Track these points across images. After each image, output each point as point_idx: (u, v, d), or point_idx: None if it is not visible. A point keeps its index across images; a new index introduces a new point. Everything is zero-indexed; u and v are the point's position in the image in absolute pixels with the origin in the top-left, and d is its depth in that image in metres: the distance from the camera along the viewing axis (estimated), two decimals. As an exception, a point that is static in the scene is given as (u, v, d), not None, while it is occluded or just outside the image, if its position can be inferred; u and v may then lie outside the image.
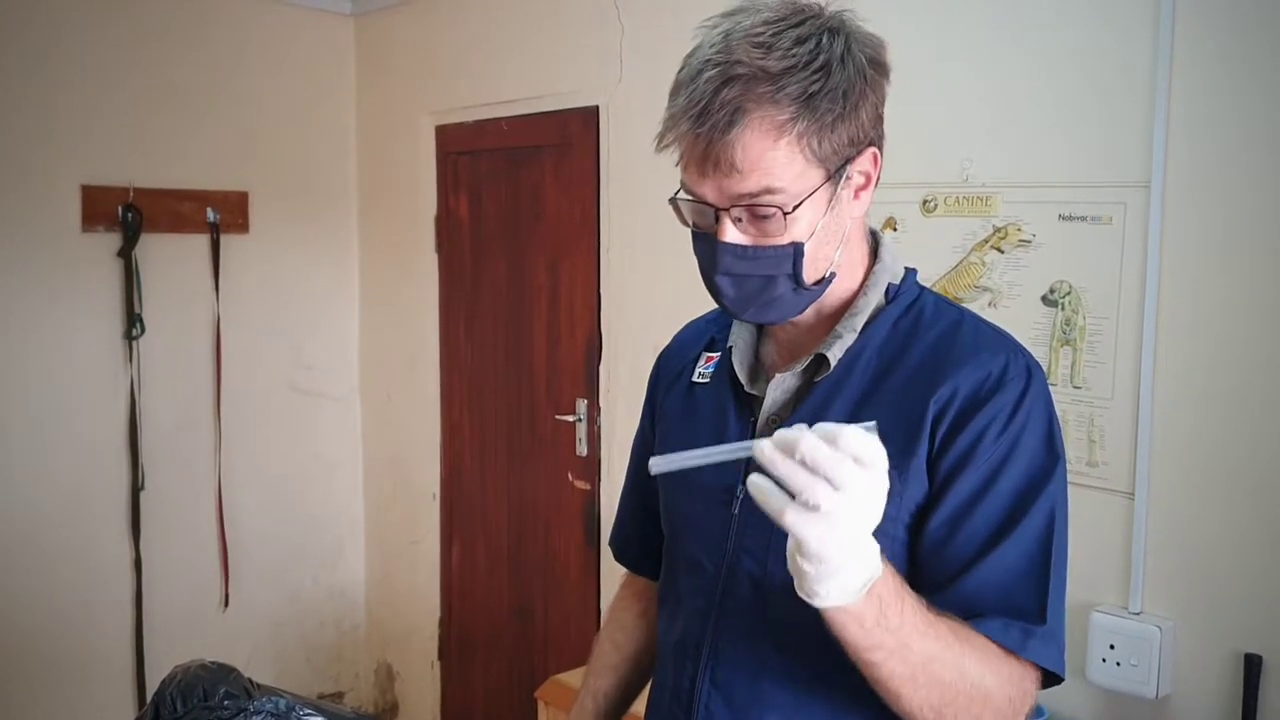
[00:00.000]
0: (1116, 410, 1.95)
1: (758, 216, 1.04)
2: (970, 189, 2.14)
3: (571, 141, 3.09)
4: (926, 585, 1.05)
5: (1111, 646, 1.91)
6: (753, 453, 0.86)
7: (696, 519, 1.18)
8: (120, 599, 3.40)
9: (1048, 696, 1.92)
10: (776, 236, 1.05)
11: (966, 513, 1.04)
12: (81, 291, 3.28)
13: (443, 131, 3.55)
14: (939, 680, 0.96)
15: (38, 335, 3.22)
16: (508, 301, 3.37)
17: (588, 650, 1.45)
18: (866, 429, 0.86)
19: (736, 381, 1.19)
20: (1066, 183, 2.00)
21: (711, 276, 1.09)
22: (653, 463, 0.91)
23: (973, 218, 2.13)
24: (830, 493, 0.83)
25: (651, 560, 1.37)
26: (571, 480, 3.17)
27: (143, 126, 3.36)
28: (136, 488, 3.39)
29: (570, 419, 3.14)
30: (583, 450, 3.11)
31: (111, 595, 3.39)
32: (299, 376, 3.79)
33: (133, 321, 3.35)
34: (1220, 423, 1.83)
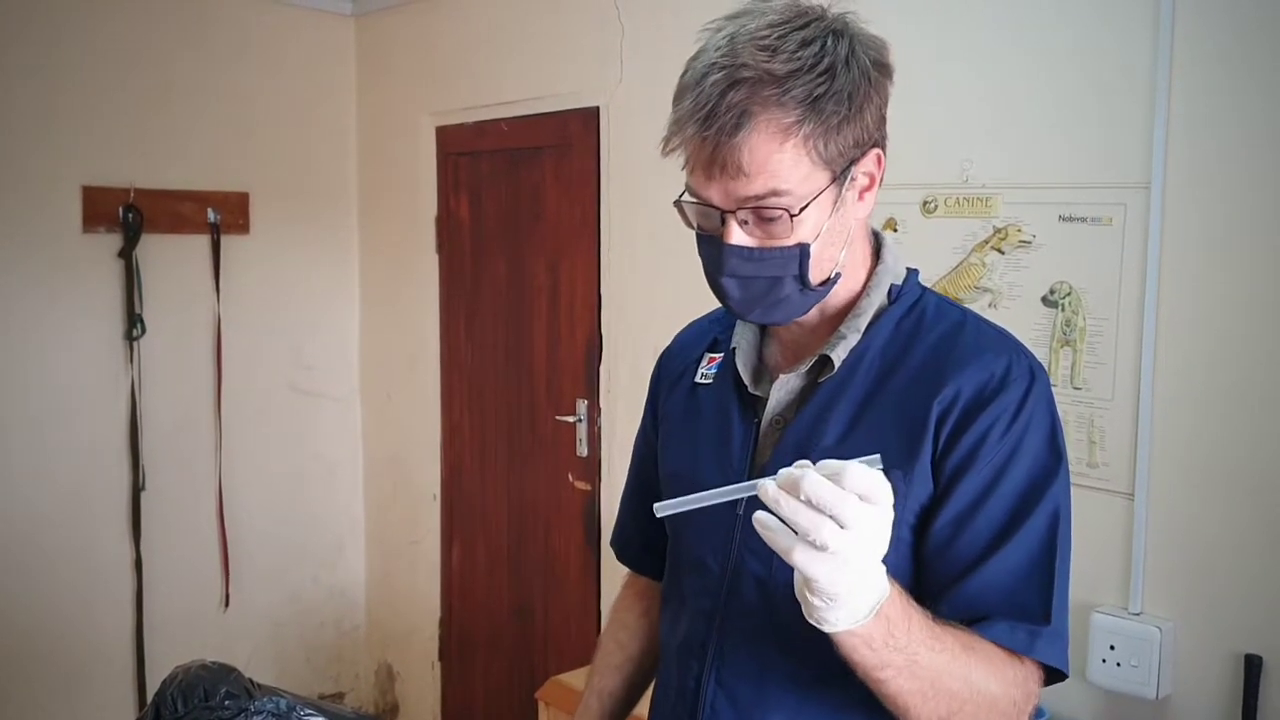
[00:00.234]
0: (1116, 411, 1.95)
1: (764, 219, 1.04)
2: (970, 190, 2.14)
3: (572, 142, 3.09)
4: (931, 586, 1.05)
5: (1112, 647, 1.91)
6: (757, 492, 0.85)
7: (701, 520, 1.17)
8: (121, 599, 3.40)
9: (1048, 697, 1.92)
10: (783, 238, 1.05)
11: (971, 514, 1.05)
12: (82, 292, 3.28)
13: (443, 132, 3.55)
14: (947, 691, 0.97)
15: (38, 335, 3.22)
16: (508, 302, 3.37)
17: (588, 651, 1.45)
18: (871, 464, 0.86)
19: (740, 382, 1.19)
20: (1066, 183, 2.00)
21: (717, 278, 1.09)
22: (658, 507, 0.91)
23: (973, 218, 2.13)
24: (837, 532, 0.83)
25: (653, 560, 1.38)
26: (572, 481, 3.17)
27: (143, 127, 3.37)
28: (137, 488, 3.39)
29: (570, 419, 3.14)
30: (583, 451, 3.11)
31: (112, 595, 3.39)
32: (299, 377, 3.79)
33: (133, 322, 3.35)
34: (1220, 423, 1.83)
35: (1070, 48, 1.99)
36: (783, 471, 0.85)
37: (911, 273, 1.19)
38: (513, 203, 3.33)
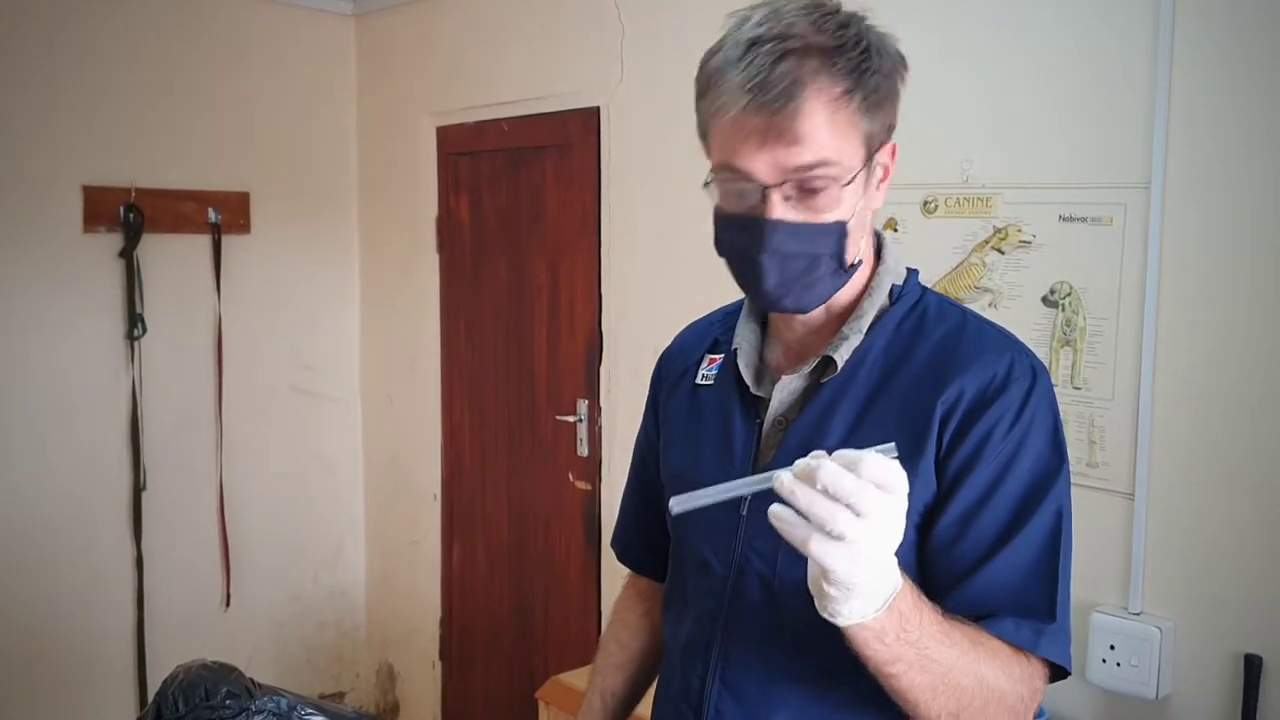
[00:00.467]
0: (1116, 411, 1.95)
1: (808, 191, 1.04)
2: (970, 190, 2.14)
3: (572, 142, 3.09)
4: (936, 584, 1.06)
5: (1112, 647, 1.91)
6: (773, 485, 0.85)
7: (704, 520, 1.17)
8: (122, 599, 3.41)
9: (1048, 696, 1.93)
10: (826, 212, 1.05)
11: (975, 512, 1.05)
12: (83, 292, 3.29)
13: (443, 132, 3.55)
14: (957, 687, 0.97)
15: (39, 335, 3.22)
16: (508, 302, 3.37)
17: (588, 650, 1.45)
18: (886, 453, 0.86)
19: (741, 383, 1.19)
20: (1066, 183, 2.00)
21: (757, 257, 1.06)
22: (673, 503, 0.90)
23: (973, 218, 2.13)
24: (854, 520, 0.83)
25: (654, 560, 1.38)
26: (572, 480, 3.17)
27: (144, 127, 3.37)
28: (138, 487, 3.40)
29: (571, 419, 3.15)
30: (583, 450, 3.11)
31: (113, 595, 3.39)
32: (300, 377, 3.79)
33: (134, 322, 3.35)
34: (1220, 423, 1.83)
35: (1070, 48, 1.99)
36: (799, 462, 0.85)
37: (912, 273, 1.20)
38: (513, 203, 3.33)
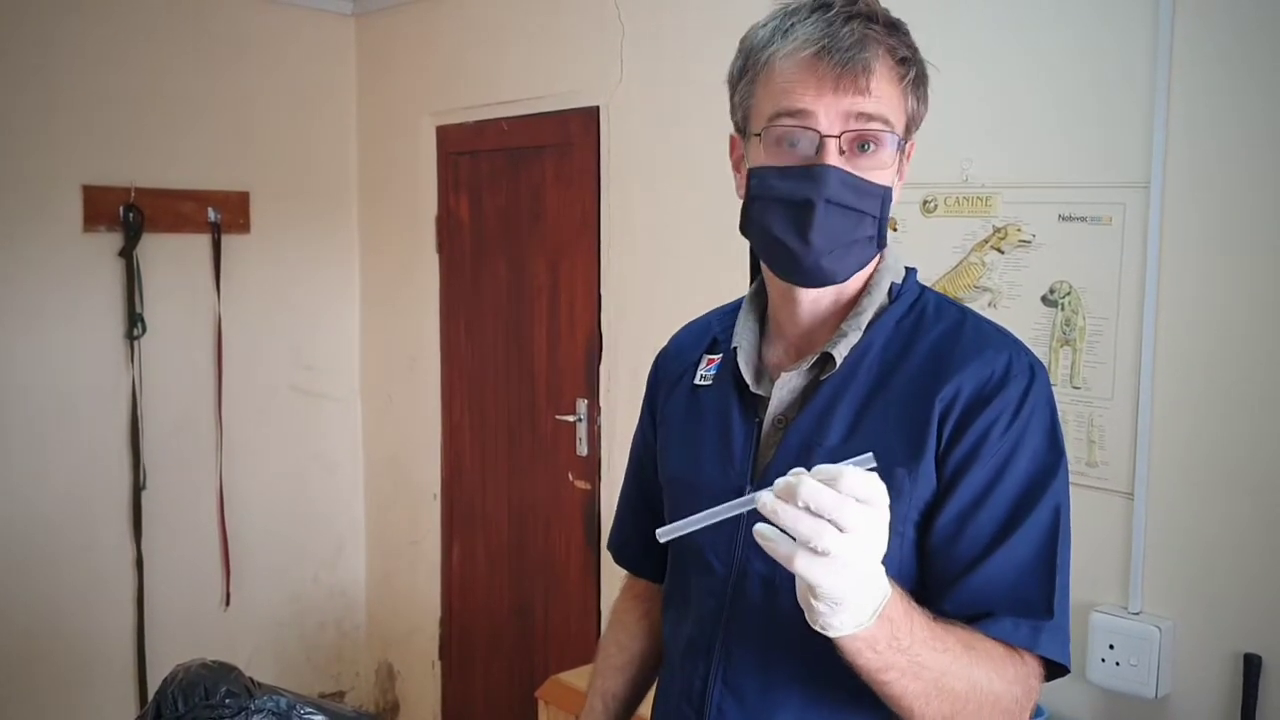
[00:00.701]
0: (1116, 410, 1.95)
1: (861, 148, 1.07)
2: (970, 189, 2.14)
3: (572, 142, 3.09)
4: (935, 582, 1.06)
5: (1111, 646, 1.92)
6: (756, 506, 0.86)
7: None
8: (122, 598, 3.41)
9: (1048, 696, 1.93)
10: (880, 169, 1.08)
11: (973, 510, 1.06)
12: (83, 291, 3.29)
13: (443, 132, 3.55)
14: (950, 692, 0.97)
15: (39, 335, 3.22)
16: (508, 301, 3.37)
17: (588, 649, 1.45)
18: (864, 464, 0.86)
19: (740, 382, 1.19)
20: (1066, 183, 2.00)
21: (812, 204, 1.06)
22: (659, 533, 0.91)
23: (972, 218, 2.13)
24: (838, 536, 0.84)
25: (652, 562, 1.38)
26: (572, 480, 3.17)
27: (144, 127, 3.37)
28: (138, 487, 3.40)
29: (570, 419, 3.15)
30: (583, 450, 3.11)
31: (113, 595, 3.39)
32: (300, 376, 3.79)
33: (134, 321, 3.35)
34: (1220, 422, 1.83)
35: (1070, 48, 1.99)
36: (779, 481, 0.86)
37: (910, 271, 1.20)
38: (513, 202, 3.33)
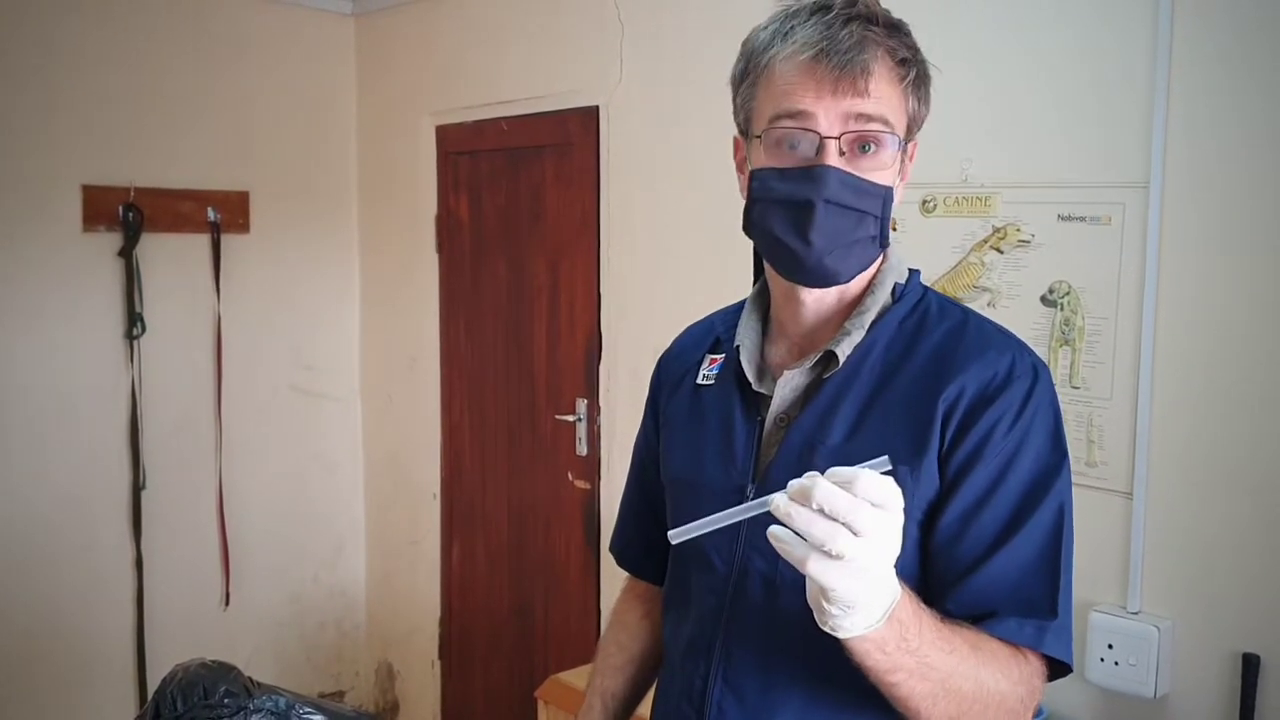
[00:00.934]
0: (1115, 410, 1.95)
1: (862, 149, 1.07)
2: (970, 189, 2.14)
3: (571, 141, 3.09)
4: (938, 582, 1.06)
5: (1110, 646, 1.92)
6: (769, 509, 0.85)
7: None
8: (121, 598, 3.41)
9: (1047, 697, 1.93)
10: (880, 170, 1.08)
11: (977, 509, 1.06)
12: (82, 291, 3.29)
13: (443, 131, 3.55)
14: (957, 692, 0.97)
15: (39, 335, 3.22)
16: (508, 301, 3.37)
17: (588, 649, 1.45)
18: (879, 467, 0.86)
19: (743, 382, 1.19)
20: (1066, 183, 2.00)
21: (812, 204, 1.07)
22: (671, 535, 0.91)
23: (972, 218, 2.13)
24: (852, 540, 0.83)
25: (653, 563, 1.38)
26: (572, 480, 3.17)
27: (143, 126, 3.37)
28: (137, 487, 3.40)
29: (570, 419, 3.15)
30: (583, 450, 3.11)
31: (112, 594, 3.39)
32: (299, 376, 3.79)
33: (134, 321, 3.35)
34: (1219, 422, 1.83)
35: (1070, 48, 1.99)
36: (793, 483, 0.85)
37: (914, 273, 1.20)
38: (513, 202, 3.33)
